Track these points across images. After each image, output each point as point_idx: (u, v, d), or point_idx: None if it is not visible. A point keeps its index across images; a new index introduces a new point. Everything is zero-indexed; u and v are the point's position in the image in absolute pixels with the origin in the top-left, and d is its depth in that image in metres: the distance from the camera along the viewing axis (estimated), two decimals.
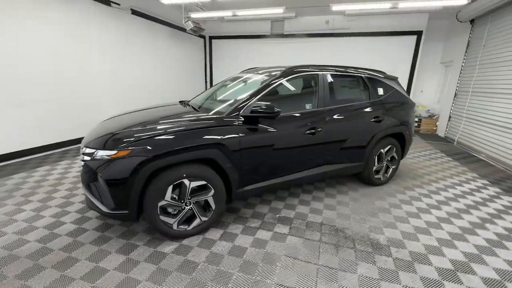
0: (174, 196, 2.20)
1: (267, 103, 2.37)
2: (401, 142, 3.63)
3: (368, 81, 3.33)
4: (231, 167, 2.36)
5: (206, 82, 9.75)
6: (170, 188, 2.13)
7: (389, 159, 3.58)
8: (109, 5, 5.34)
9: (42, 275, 1.85)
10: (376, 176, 3.51)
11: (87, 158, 2.11)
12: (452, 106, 6.94)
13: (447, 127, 7.13)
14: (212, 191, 2.32)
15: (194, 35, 8.47)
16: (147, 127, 2.20)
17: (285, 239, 2.36)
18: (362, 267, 2.03)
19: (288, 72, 2.78)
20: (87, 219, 2.58)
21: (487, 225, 2.71)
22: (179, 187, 2.19)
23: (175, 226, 2.24)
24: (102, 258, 2.05)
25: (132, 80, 6.24)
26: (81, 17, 4.83)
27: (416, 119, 8.02)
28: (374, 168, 3.43)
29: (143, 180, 2.01)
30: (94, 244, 2.21)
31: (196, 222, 2.33)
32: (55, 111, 4.59)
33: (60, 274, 1.86)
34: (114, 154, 1.99)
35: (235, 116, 2.39)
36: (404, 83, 7.67)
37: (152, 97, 6.90)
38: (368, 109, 3.20)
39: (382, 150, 3.40)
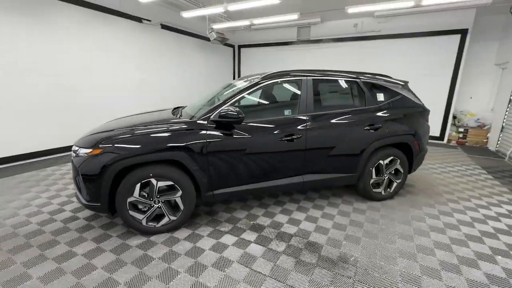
0: (144, 194, 2.36)
1: (234, 108, 2.40)
2: (409, 154, 3.24)
3: (365, 86, 3.07)
4: (199, 169, 2.43)
5: None
6: (138, 186, 2.30)
7: (392, 172, 3.22)
8: (141, 21, 6.01)
9: (26, 252, 2.17)
10: (375, 190, 3.18)
11: (74, 154, 2.43)
12: (505, 114, 5.86)
13: (498, 140, 6.04)
14: (180, 192, 2.42)
15: (222, 45, 8.88)
16: (122, 129, 2.42)
17: (247, 246, 2.32)
18: (313, 285, 1.88)
19: (266, 77, 2.76)
20: (83, 209, 2.94)
21: (499, 257, 2.23)
22: (148, 185, 2.35)
23: (144, 222, 2.40)
24: (78, 244, 2.31)
25: (161, 88, 6.85)
26: (116, 34, 5.55)
27: (462, 130, 7.00)
28: (372, 180, 3.12)
29: (111, 177, 2.22)
30: (78, 231, 2.51)
31: (164, 220, 2.46)
32: (91, 116, 5.33)
33: (39, 252, 2.17)
34: (90, 152, 2.25)
35: (204, 120, 2.48)
36: (445, 88, 6.79)
37: (180, 104, 7.46)
38: (361, 116, 2.95)
39: (381, 162, 3.08)
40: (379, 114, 3.02)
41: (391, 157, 3.13)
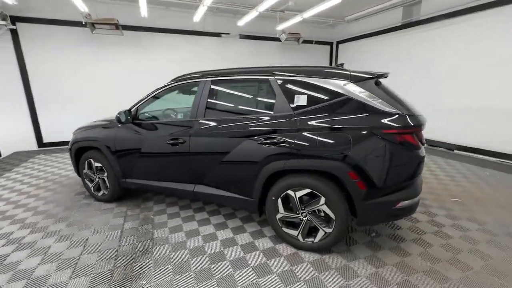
0: (93, 169, 3.30)
1: (122, 111, 2.77)
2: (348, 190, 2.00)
3: (278, 85, 2.24)
4: (113, 159, 3.02)
5: None
6: (86, 163, 3.27)
7: (320, 214, 2.14)
8: (220, 36, 7.15)
9: (43, 193, 3.77)
10: (286, 231, 2.28)
11: None
12: None
13: None
14: (106, 173, 3.15)
15: (313, 44, 8.34)
16: (89, 124, 3.44)
17: (115, 230, 2.65)
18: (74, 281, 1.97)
19: (170, 82, 2.79)
20: None
21: None
22: (90, 164, 3.26)
23: (92, 190, 3.35)
24: (53, 202, 3.65)
25: None
26: (199, 49, 7.03)
27: None
28: (279, 216, 2.27)
29: (74, 152, 3.32)
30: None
31: (101, 192, 3.29)
32: None
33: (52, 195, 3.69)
34: (73, 134, 3.48)
35: (117, 119, 2.99)
36: None
37: None
38: (255, 125, 2.22)
39: (291, 193, 2.16)
40: (289, 123, 2.12)
41: (307, 190, 2.10)
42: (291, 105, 2.18)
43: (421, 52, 6.01)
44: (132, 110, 2.90)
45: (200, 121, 2.51)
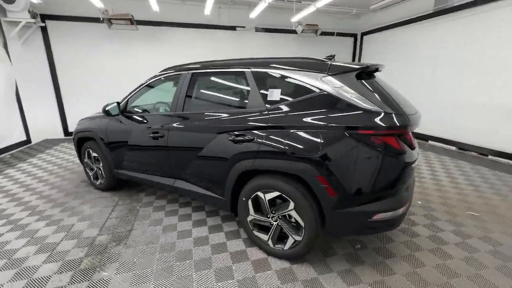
0: (92, 159, 3.46)
1: (110, 103, 2.81)
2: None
3: (254, 79, 2.07)
4: (106, 150, 3.12)
5: None
6: (86, 152, 3.43)
7: (291, 219, 1.97)
8: (235, 29, 7.04)
9: (54, 179, 4.05)
10: (257, 234, 2.14)
11: None
12: None
13: None
14: (101, 164, 3.27)
15: (335, 35, 7.84)
16: (90, 115, 3.59)
17: (103, 220, 2.74)
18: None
19: (156, 75, 2.77)
20: None
21: None
22: (89, 154, 3.41)
23: (92, 178, 3.52)
24: (58, 188, 3.88)
25: None
26: (215, 42, 7.00)
27: None
28: (250, 218, 2.13)
29: (76, 141, 3.50)
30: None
31: (99, 181, 3.44)
32: None
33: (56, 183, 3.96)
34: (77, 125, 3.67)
35: (103, 112, 3.05)
36: None
37: None
38: (226, 121, 2.09)
39: (261, 195, 2.01)
40: (255, 119, 1.97)
41: (276, 193, 1.93)
42: (265, 100, 2.01)
43: (454, 42, 5.28)
44: (122, 102, 2.95)
45: (177, 115, 2.46)
